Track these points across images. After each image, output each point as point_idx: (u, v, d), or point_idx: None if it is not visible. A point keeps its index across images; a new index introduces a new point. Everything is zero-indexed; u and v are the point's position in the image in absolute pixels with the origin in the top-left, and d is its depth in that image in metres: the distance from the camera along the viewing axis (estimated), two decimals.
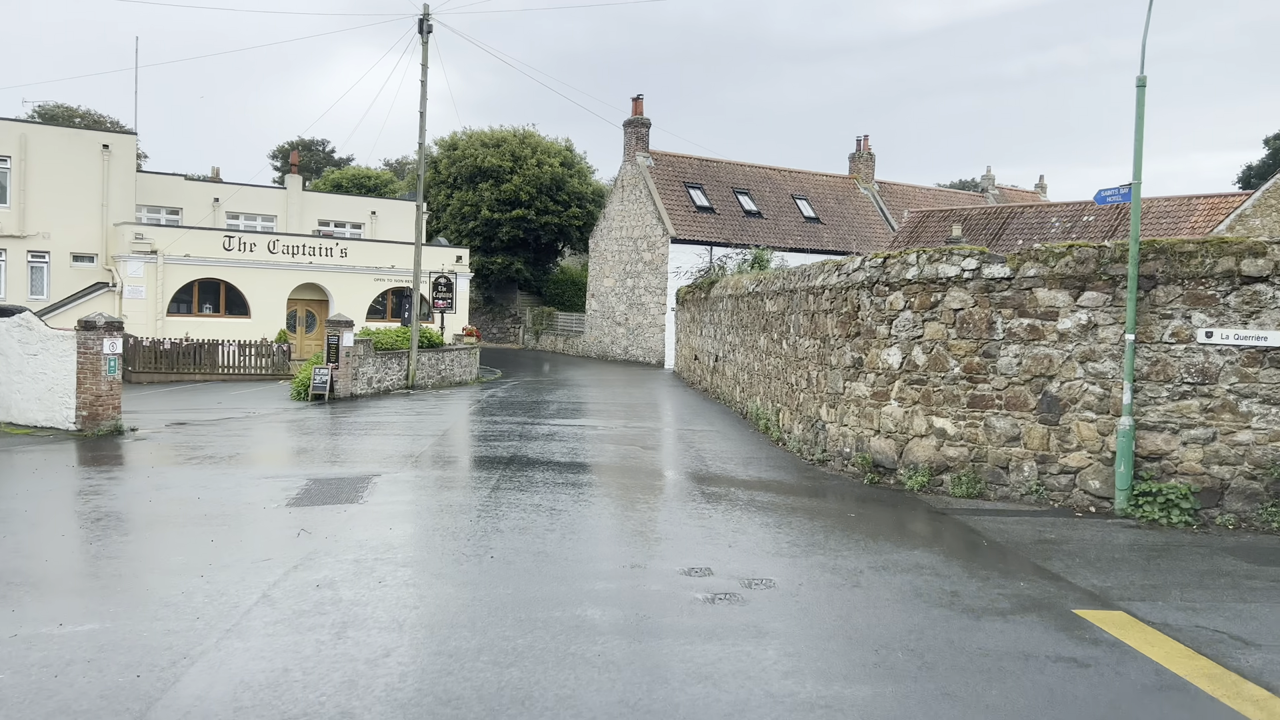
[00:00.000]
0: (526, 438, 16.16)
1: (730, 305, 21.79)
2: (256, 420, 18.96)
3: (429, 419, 19.19)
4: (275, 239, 32.23)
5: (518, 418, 19.25)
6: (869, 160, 44.84)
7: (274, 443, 16.09)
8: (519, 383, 28.93)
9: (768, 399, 17.28)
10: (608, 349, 40.66)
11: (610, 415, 19.96)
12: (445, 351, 28.30)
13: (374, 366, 25.02)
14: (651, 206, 37.68)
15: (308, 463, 13.74)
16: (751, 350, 19.09)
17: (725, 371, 22.45)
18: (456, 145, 47.34)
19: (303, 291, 32.99)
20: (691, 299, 28.36)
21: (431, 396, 24.37)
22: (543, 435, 16.48)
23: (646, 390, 26.79)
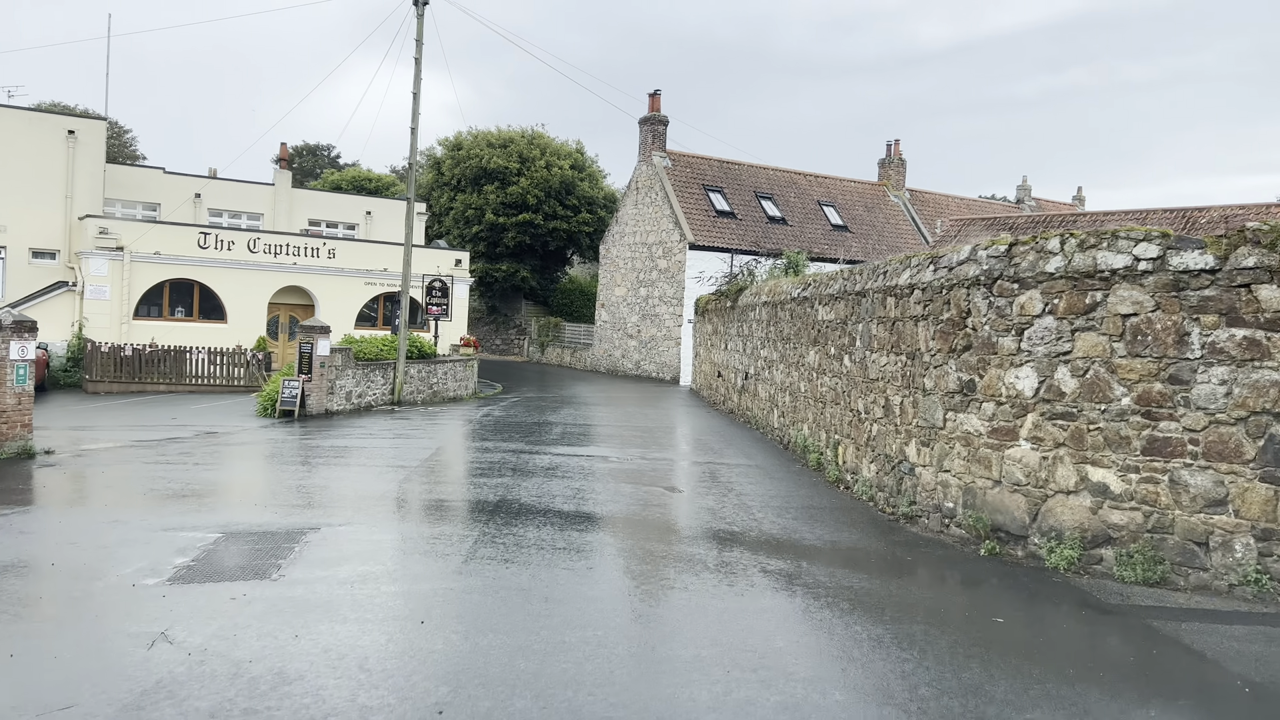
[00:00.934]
0: (521, 472, 12.75)
1: (766, 314, 18.39)
2: (204, 442, 15.58)
3: (409, 444, 15.80)
4: (256, 237, 28.98)
5: (514, 444, 15.85)
6: (900, 166, 41.51)
7: (208, 473, 12.72)
8: (520, 399, 25.55)
9: (820, 428, 13.86)
10: (618, 363, 37.28)
11: (624, 442, 16.55)
12: (438, 363, 24.96)
13: (354, 379, 21.68)
14: (668, 210, 34.38)
15: (235, 504, 10.36)
16: (796, 368, 15.68)
17: (758, 392, 19.03)
18: (461, 145, 44.15)
19: (286, 295, 29.72)
20: (714, 309, 24.99)
21: (418, 415, 20.99)
22: (541, 469, 13.07)
23: (663, 411, 23.38)
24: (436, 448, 15.34)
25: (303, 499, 10.65)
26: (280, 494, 10.97)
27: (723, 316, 23.83)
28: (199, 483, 11.63)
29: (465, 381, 26.36)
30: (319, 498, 10.80)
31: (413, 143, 22.90)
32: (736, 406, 21.42)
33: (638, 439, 17.10)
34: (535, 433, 17.54)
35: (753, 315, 19.94)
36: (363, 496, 10.87)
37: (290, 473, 12.71)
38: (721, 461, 14.44)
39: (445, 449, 15.30)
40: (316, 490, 11.26)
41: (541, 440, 16.40)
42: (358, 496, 10.91)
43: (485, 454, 14.73)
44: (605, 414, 21.85)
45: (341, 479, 12.21)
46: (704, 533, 9.48)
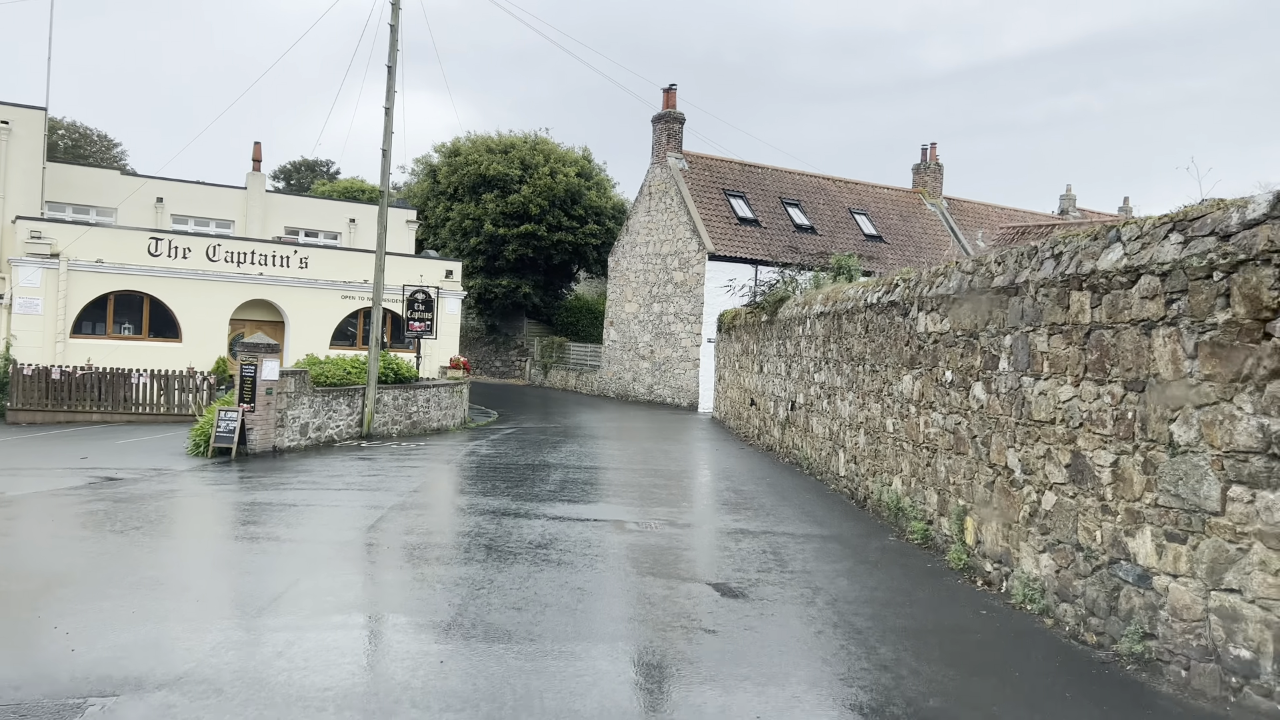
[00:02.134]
0: (499, 554, 8.52)
1: (822, 329, 14.20)
2: (85, 498, 11.39)
3: (355, 500, 11.59)
4: (216, 243, 24.93)
5: (497, 499, 11.62)
6: (936, 172, 37.41)
7: (35, 556, 8.52)
8: (516, 431, 21.35)
9: (925, 485, 9.61)
10: (628, 387, 33.07)
11: (642, 495, 12.32)
12: (419, 389, 20.79)
13: (311, 409, 17.51)
14: (685, 217, 30.30)
15: (7, 631, 6.17)
16: (877, 398, 11.46)
17: (810, 426, 14.80)
18: (459, 151, 40.21)
19: (251, 310, 25.63)
20: (745, 325, 20.81)
21: (387, 453, 16.79)
22: (528, 548, 8.83)
23: (685, 446, 19.15)
24: (391, 506, 11.11)
25: (131, 619, 6.44)
26: (103, 607, 6.76)
27: (756, 333, 19.64)
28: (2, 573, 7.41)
29: (452, 410, 22.19)
30: (160, 620, 6.58)
31: (386, 127, 18.85)
32: (777, 442, 17.18)
33: (660, 490, 12.85)
34: (528, 480, 13.32)
35: (800, 330, 15.76)
36: (240, 605, 6.67)
37: (154, 557, 8.51)
38: (782, 530, 10.17)
39: (402, 509, 11.08)
40: (169, 597, 7.05)
41: (534, 492, 12.18)
42: (231, 607, 6.71)
43: (455, 518, 10.51)
44: (616, 451, 17.61)
45: (222, 571, 8.01)
46: (807, 704, 5.23)
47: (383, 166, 18.94)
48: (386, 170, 18.94)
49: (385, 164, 18.93)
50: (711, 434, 21.60)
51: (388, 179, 18.96)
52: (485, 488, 12.78)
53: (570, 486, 12.88)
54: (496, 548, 8.82)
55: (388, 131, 18.84)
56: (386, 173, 18.94)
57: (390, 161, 18.93)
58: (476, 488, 12.90)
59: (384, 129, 18.88)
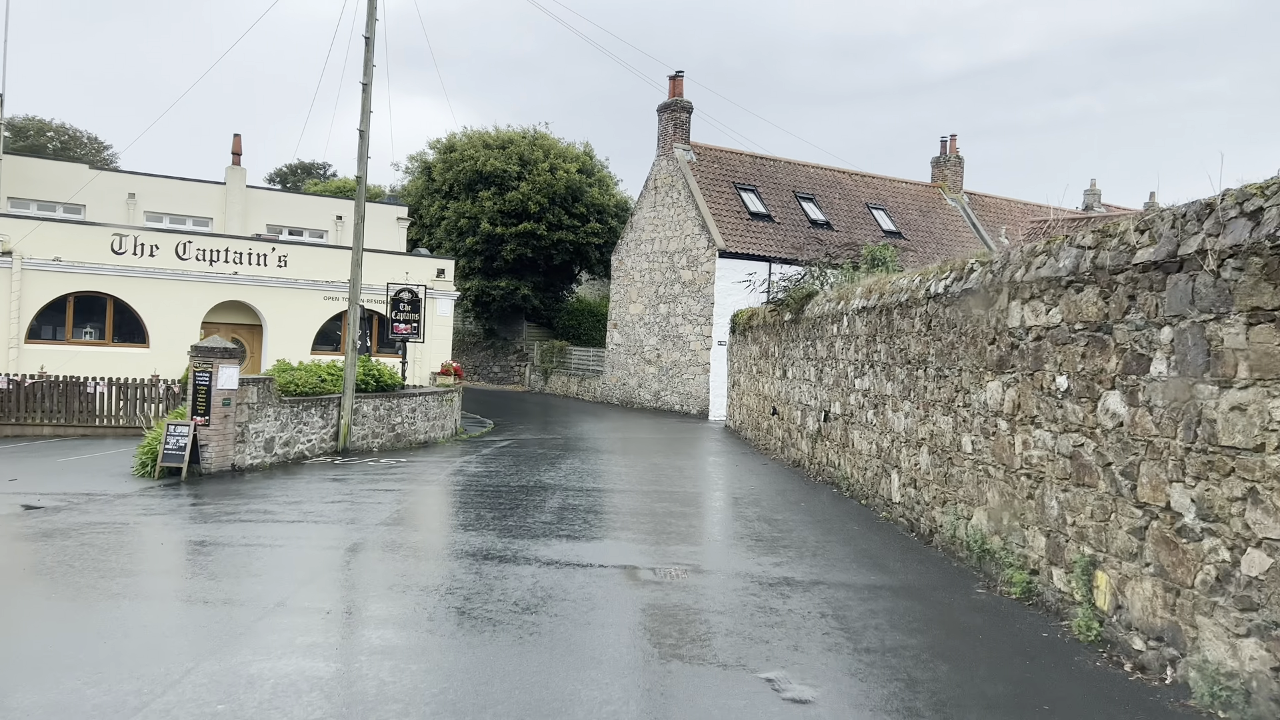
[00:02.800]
0: (473, 626, 6.32)
1: (864, 326, 12.03)
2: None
3: (308, 538, 9.40)
4: (187, 240, 22.78)
5: (482, 536, 9.44)
6: (956, 165, 35.25)
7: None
8: (512, 444, 19.18)
9: (1025, 524, 7.41)
10: (633, 393, 30.89)
11: (656, 529, 10.13)
12: (403, 398, 18.62)
13: (278, 421, 15.35)
14: (694, 212, 28.15)
15: None
16: (946, 410, 9.28)
17: (851, 441, 12.61)
18: (454, 147, 38.10)
19: (225, 312, 23.49)
20: (764, 325, 18.64)
21: (362, 472, 14.61)
22: (511, 614, 6.61)
23: (700, 461, 16.98)
24: (350, 547, 8.93)
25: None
26: None
27: (777, 334, 17.47)
28: None
29: (442, 420, 20.01)
30: None
31: (362, 143, 16.71)
32: (806, 457, 15.00)
33: (677, 519, 10.67)
34: (520, 507, 11.13)
35: (834, 330, 13.59)
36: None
37: (32, 625, 6.34)
38: (837, 579, 7.98)
39: (361, 551, 8.90)
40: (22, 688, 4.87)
41: (527, 524, 9.99)
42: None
43: (426, 565, 8.32)
44: (623, 469, 15.43)
45: (91, 646, 5.83)
46: None
47: (360, 149, 16.80)
48: (364, 152, 16.80)
49: (362, 145, 16.79)
50: (727, 446, 19.42)
51: (365, 162, 16.82)
52: (469, 518, 10.60)
53: (570, 515, 10.69)
54: (471, 612, 6.64)
55: (365, 110, 16.71)
56: (364, 155, 16.80)
57: (368, 144, 16.80)
58: (459, 518, 10.72)
59: (361, 107, 16.75)
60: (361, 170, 16.79)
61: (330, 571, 7.91)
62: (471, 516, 10.68)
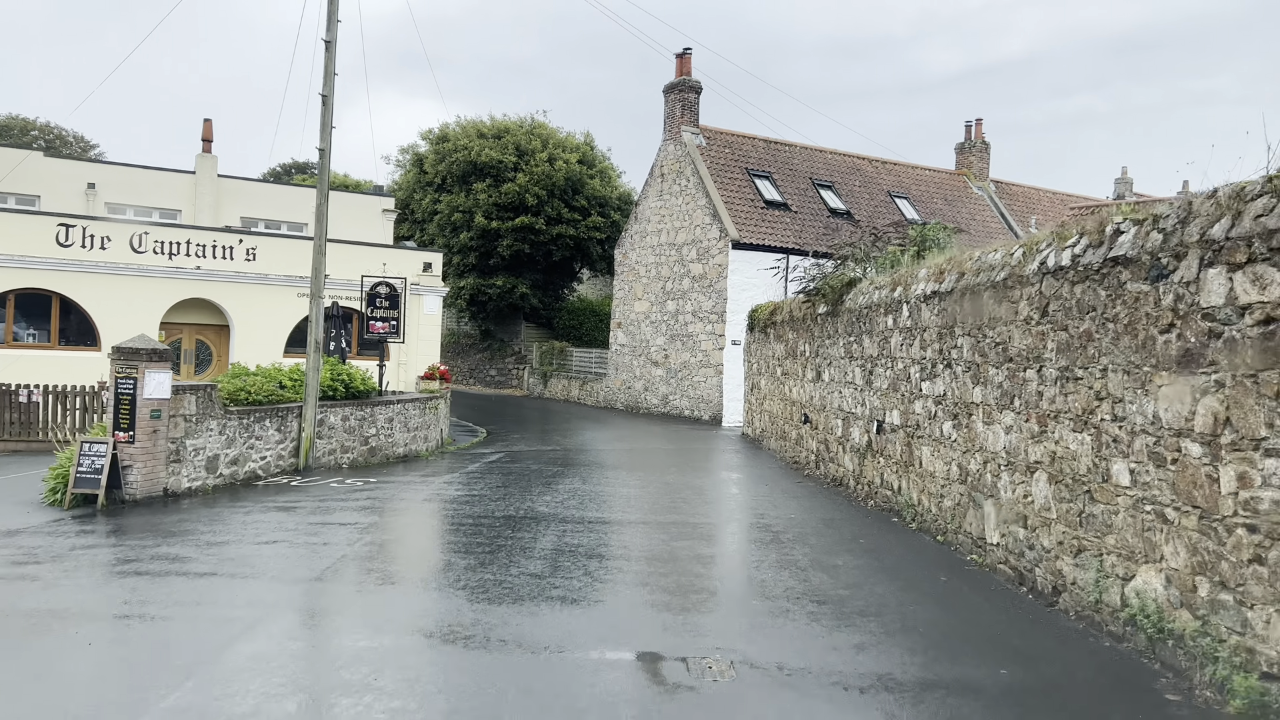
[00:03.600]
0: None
1: (935, 317, 9.49)
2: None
3: (210, 602, 6.85)
4: (143, 232, 20.28)
5: (448, 601, 6.90)
6: (983, 151, 32.72)
7: None
8: (504, 458, 16.67)
9: (1250, 603, 4.89)
10: (639, 398, 28.35)
11: (681, 589, 7.58)
12: (378, 406, 16.11)
13: (224, 436, 12.83)
14: (704, 200, 25.63)
15: None
16: (1076, 423, 6.74)
17: (917, 459, 10.07)
18: (447, 137, 35.61)
19: (188, 311, 21.01)
20: (792, 320, 16.12)
21: (318, 498, 12.08)
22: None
23: (721, 479, 14.46)
24: (255, 622, 6.40)
25: None
26: None
27: (809, 330, 14.95)
28: None
29: (424, 431, 17.49)
30: None
31: (325, 111, 14.22)
32: (851, 475, 12.46)
33: (706, 570, 8.12)
34: (503, 550, 8.60)
35: (887, 323, 11.07)
36: None
37: None
38: (953, 678, 5.42)
39: (278, 621, 6.37)
40: None
41: (508, 580, 7.46)
42: None
43: (352, 660, 5.79)
44: (632, 490, 12.87)
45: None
46: None
47: (323, 117, 14.31)
48: (328, 122, 14.31)
49: (326, 114, 14.30)
50: (749, 459, 16.89)
51: (329, 132, 14.33)
52: (436, 567, 8.08)
53: (567, 563, 8.16)
54: None
55: (325, 126, 14.24)
56: (328, 125, 14.32)
57: (331, 113, 14.31)
58: (423, 567, 8.20)
59: (324, 69, 14.28)
60: (325, 144, 14.27)
61: (204, 669, 5.39)
62: (439, 564, 8.16)
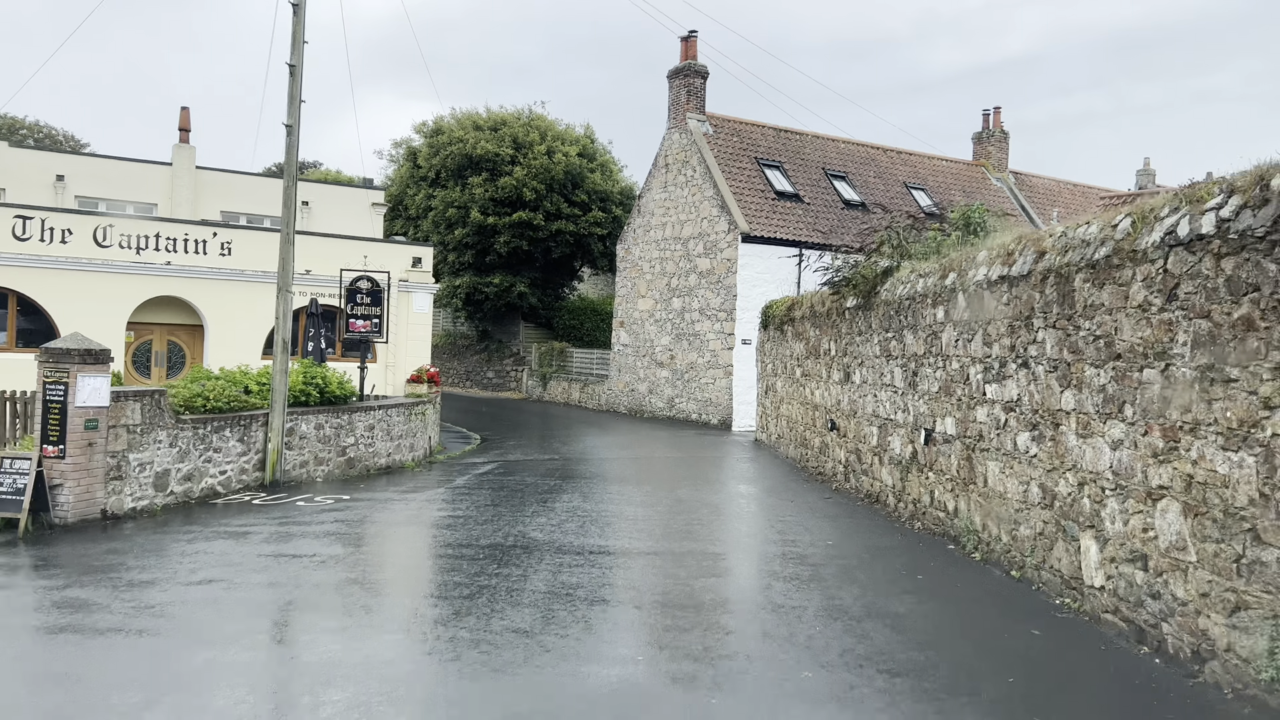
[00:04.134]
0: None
1: (1003, 307, 7.87)
2: None
3: (93, 677, 5.24)
4: (108, 224, 18.68)
5: (406, 672, 5.29)
6: (1001, 141, 31.11)
7: None
8: (498, 469, 15.06)
9: None
10: (643, 401, 26.73)
11: (707, 650, 5.93)
12: (359, 412, 14.50)
13: (176, 448, 11.23)
14: (711, 191, 24.03)
15: None
16: (1220, 440, 5.13)
17: (979, 475, 8.43)
18: (441, 130, 34.00)
19: (158, 310, 19.41)
20: (814, 315, 14.51)
21: (279, 521, 10.46)
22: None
23: (739, 494, 12.84)
24: (165, 688, 4.81)
25: None
26: None
27: (835, 326, 13.33)
28: None
29: (409, 440, 15.87)
30: None
31: (293, 83, 12.63)
32: (891, 490, 10.84)
33: (736, 622, 6.50)
34: (485, 592, 6.98)
35: (936, 315, 9.46)
36: None
37: None
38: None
39: (169, 708, 4.77)
40: None
41: (489, 638, 5.84)
42: None
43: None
44: (638, 510, 11.23)
45: None
46: None
47: (290, 89, 12.72)
48: (296, 95, 12.72)
49: (294, 85, 12.72)
50: (766, 469, 15.28)
51: (298, 107, 12.74)
52: (399, 622, 6.46)
53: (561, 612, 6.54)
54: None
55: (296, 40, 12.64)
56: (296, 98, 12.73)
57: (300, 85, 12.72)
58: (379, 623, 6.56)
59: (292, 35, 12.69)
60: (293, 119, 12.67)
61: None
62: (404, 615, 6.54)
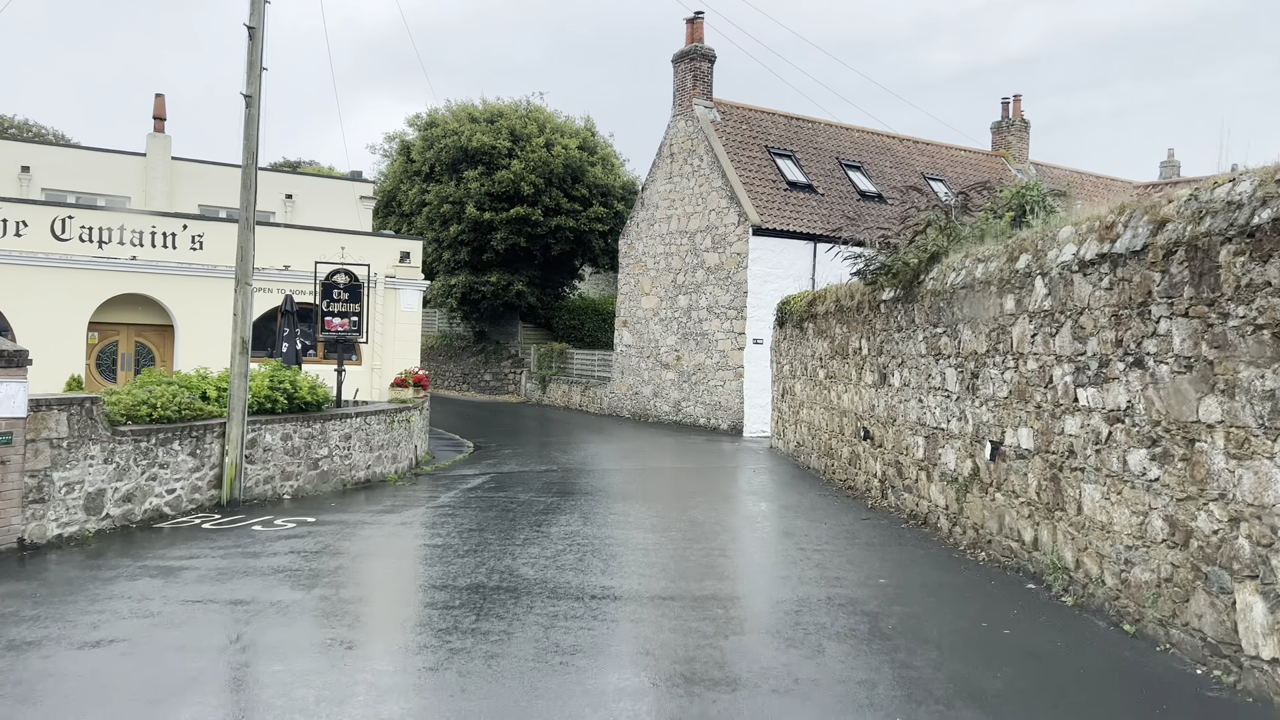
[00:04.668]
0: None
1: (1100, 291, 6.29)
2: None
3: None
4: (67, 216, 17.12)
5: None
6: (1021, 130, 29.52)
7: None
8: (489, 481, 13.46)
9: None
10: (648, 404, 25.13)
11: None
12: (332, 420, 12.88)
13: (111, 465, 9.63)
14: (720, 181, 22.45)
15: None
16: None
17: (1069, 500, 6.83)
18: (435, 122, 32.43)
19: (124, 309, 17.84)
20: (840, 309, 12.91)
21: (223, 554, 8.84)
22: None
23: (762, 514, 11.24)
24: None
25: None
26: None
27: (868, 322, 11.74)
28: None
29: (392, 450, 14.26)
30: None
31: (253, 45, 11.06)
32: (943, 511, 9.24)
33: (788, 709, 4.92)
34: (459, 659, 5.38)
35: (1005, 305, 7.86)
36: None
37: None
38: None
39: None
40: None
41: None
42: None
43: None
44: (649, 537, 9.61)
45: None
46: None
47: (249, 55, 11.14)
48: (256, 61, 11.13)
49: (253, 50, 11.12)
50: (788, 482, 13.67)
51: (258, 75, 11.15)
52: (333, 706, 4.86)
53: (553, 685, 4.94)
54: None
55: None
56: (256, 65, 11.14)
57: (261, 50, 11.15)
58: (308, 711, 4.97)
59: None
60: (254, 78, 11.09)
61: None
62: (342, 697, 4.93)
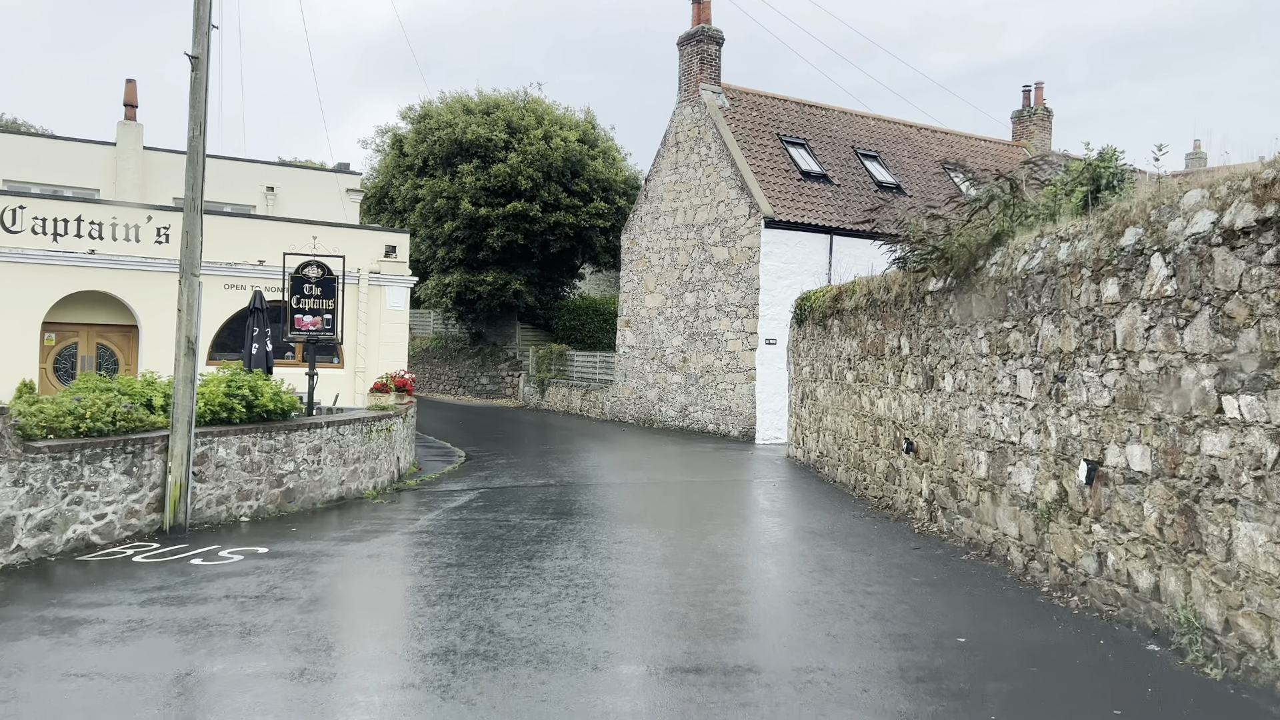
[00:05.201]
0: None
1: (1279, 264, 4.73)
2: None
3: None
4: (18, 206, 15.55)
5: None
6: (1044, 120, 27.94)
7: None
8: (478, 499, 11.86)
9: None
10: (652, 409, 23.53)
11: None
12: (301, 431, 11.28)
13: (23, 488, 8.04)
14: (729, 171, 20.87)
15: None
16: None
17: (1205, 540, 5.24)
18: (429, 115, 30.87)
19: (82, 307, 16.28)
20: (872, 304, 11.32)
21: (139, 600, 7.24)
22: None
23: (788, 539, 9.65)
24: None
25: None
26: None
27: (910, 318, 10.15)
28: None
29: (370, 463, 12.66)
30: None
31: (199, 4, 9.50)
32: (1020, 544, 7.65)
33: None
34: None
35: (1097, 294, 6.29)
36: None
37: None
38: None
39: None
40: None
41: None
42: None
43: None
44: (662, 574, 8.01)
45: None
46: None
47: (196, 10, 9.58)
48: (204, 17, 9.57)
49: (200, 6, 9.57)
50: (815, 499, 12.07)
51: (206, 34, 9.59)
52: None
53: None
54: None
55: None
56: (204, 22, 9.58)
57: (209, 6, 9.59)
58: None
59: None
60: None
61: None
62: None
